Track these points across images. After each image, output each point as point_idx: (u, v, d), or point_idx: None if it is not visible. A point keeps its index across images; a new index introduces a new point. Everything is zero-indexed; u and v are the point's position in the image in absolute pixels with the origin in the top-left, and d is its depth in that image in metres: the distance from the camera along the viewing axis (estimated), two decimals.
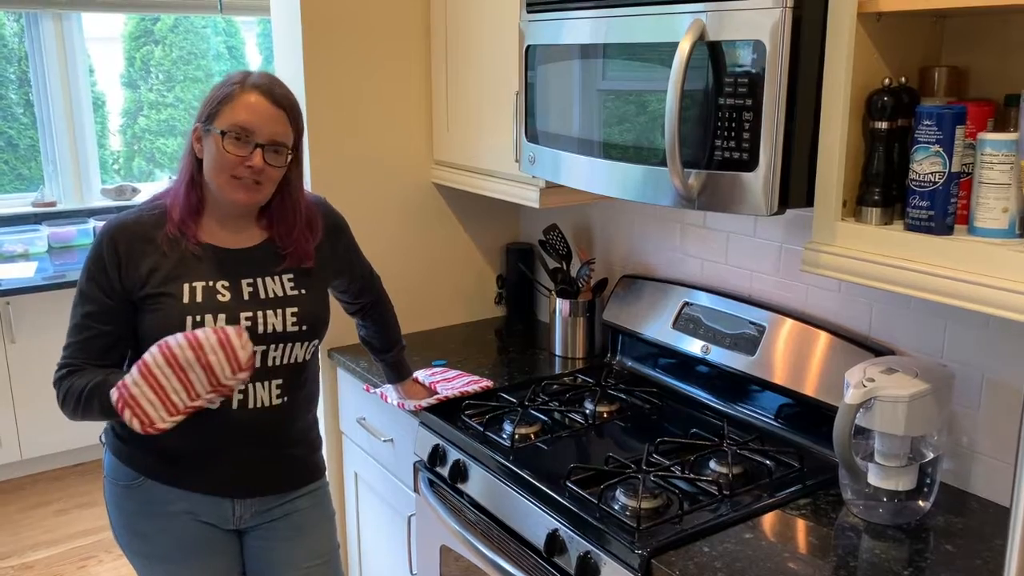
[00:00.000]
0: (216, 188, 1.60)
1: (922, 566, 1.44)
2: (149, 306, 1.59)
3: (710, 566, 1.43)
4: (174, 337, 1.50)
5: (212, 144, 1.57)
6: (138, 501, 1.69)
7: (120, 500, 1.71)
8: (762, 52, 1.40)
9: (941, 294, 1.31)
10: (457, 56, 2.36)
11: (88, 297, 1.61)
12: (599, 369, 2.28)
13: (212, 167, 1.58)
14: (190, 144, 1.62)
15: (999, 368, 1.60)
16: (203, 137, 1.59)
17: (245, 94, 1.56)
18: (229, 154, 1.55)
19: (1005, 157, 1.27)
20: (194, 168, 1.62)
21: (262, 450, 1.70)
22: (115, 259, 1.59)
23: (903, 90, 1.39)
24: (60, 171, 4.31)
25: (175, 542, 1.70)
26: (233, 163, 1.56)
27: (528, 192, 2.16)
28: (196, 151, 1.61)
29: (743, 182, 1.47)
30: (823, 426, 1.78)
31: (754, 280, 2.05)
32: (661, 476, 1.67)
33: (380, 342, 2.04)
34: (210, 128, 1.57)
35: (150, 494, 1.68)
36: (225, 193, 1.59)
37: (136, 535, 1.72)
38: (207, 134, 1.58)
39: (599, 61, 1.72)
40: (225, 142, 1.55)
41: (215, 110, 1.57)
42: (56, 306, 3.75)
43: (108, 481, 1.74)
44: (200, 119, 1.60)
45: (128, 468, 1.68)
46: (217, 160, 1.56)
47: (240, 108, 1.56)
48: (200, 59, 4.82)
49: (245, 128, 1.55)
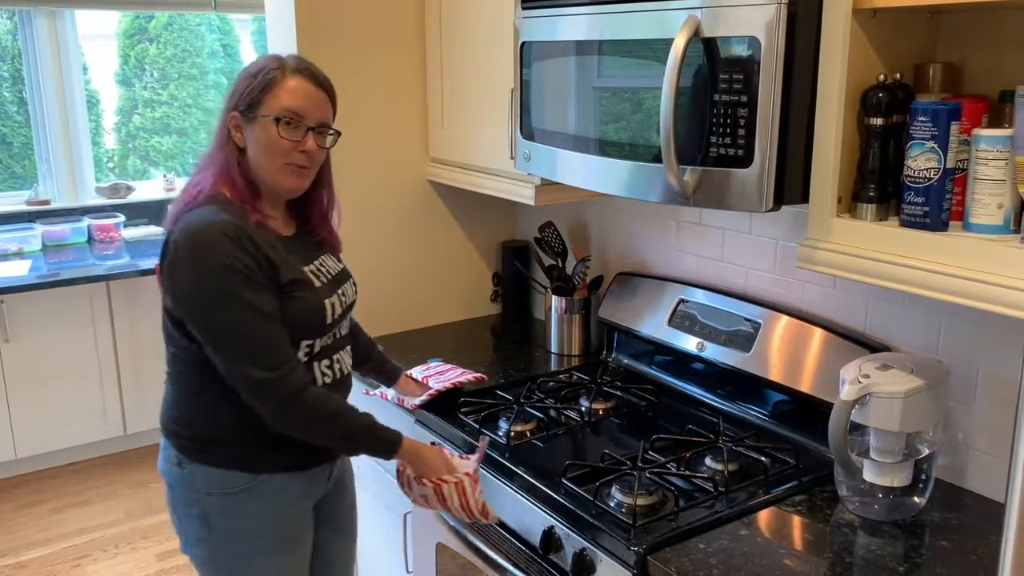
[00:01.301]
0: (267, 175, 1.59)
1: (918, 562, 1.44)
2: (288, 294, 1.57)
3: (706, 563, 1.43)
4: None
5: (261, 131, 1.56)
6: (262, 499, 1.66)
7: (236, 506, 1.65)
8: (757, 48, 1.40)
9: (936, 290, 1.31)
10: (452, 53, 2.35)
11: (252, 295, 1.51)
12: (595, 366, 2.28)
13: (263, 154, 1.57)
14: (226, 134, 1.59)
15: (994, 364, 1.60)
16: (245, 125, 1.57)
17: (289, 79, 1.56)
18: (284, 140, 1.55)
19: (1000, 153, 1.27)
20: (238, 157, 1.59)
21: None
22: (248, 251, 1.51)
23: (898, 86, 1.39)
24: (54, 169, 4.30)
25: (288, 531, 1.71)
26: (287, 149, 1.56)
27: (524, 189, 2.15)
28: (237, 140, 1.58)
29: (738, 178, 1.47)
30: (819, 423, 1.78)
31: (750, 277, 2.05)
32: (657, 473, 1.67)
33: (358, 348, 1.95)
34: (255, 115, 1.55)
35: (267, 488, 1.66)
36: (278, 180, 1.59)
37: (254, 536, 1.67)
38: (251, 121, 1.56)
39: (594, 58, 1.72)
40: (280, 128, 1.55)
41: (256, 97, 1.55)
42: (50, 305, 3.74)
43: (210, 497, 1.65)
44: (237, 107, 1.57)
45: (240, 472, 1.63)
46: (269, 147, 1.56)
47: (287, 93, 1.55)
48: (195, 57, 4.81)
49: (296, 113, 1.56)
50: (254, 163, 1.58)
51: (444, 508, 1.71)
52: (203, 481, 1.65)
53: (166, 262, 1.55)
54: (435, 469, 1.69)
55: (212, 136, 1.65)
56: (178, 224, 1.54)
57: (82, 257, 3.93)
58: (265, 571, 1.69)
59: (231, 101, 1.59)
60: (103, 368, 3.93)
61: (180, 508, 1.69)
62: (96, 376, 3.92)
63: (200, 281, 1.50)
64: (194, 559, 1.73)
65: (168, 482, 1.70)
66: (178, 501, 1.69)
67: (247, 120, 1.57)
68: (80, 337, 3.85)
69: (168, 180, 4.58)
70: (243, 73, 1.60)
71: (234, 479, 1.64)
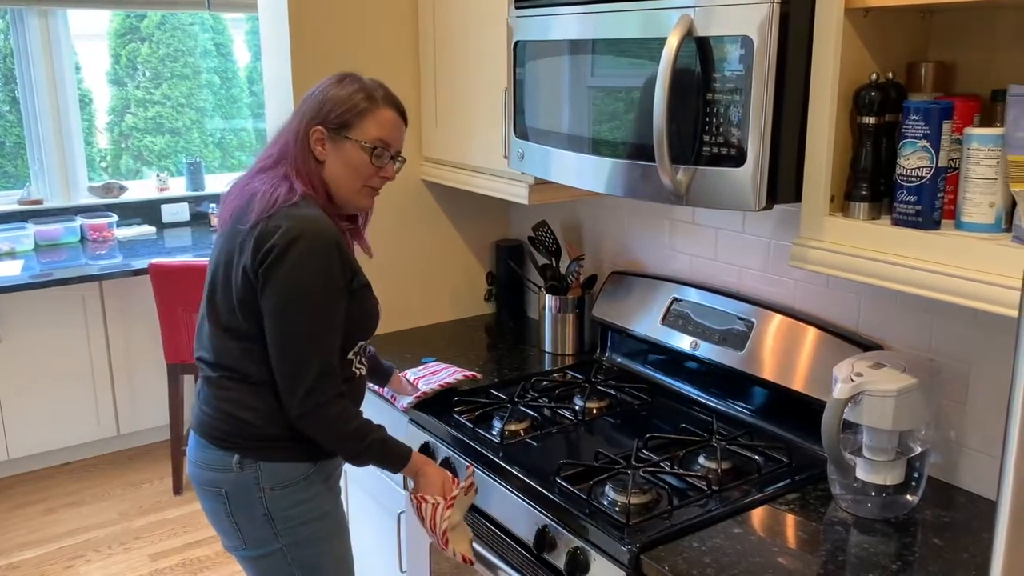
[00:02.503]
0: (346, 192, 1.68)
1: (910, 560, 1.45)
2: (358, 297, 1.68)
3: (699, 561, 1.44)
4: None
5: (350, 152, 1.65)
6: (318, 484, 1.73)
7: (298, 495, 1.70)
8: (750, 47, 1.40)
9: (928, 289, 1.31)
10: (445, 52, 2.35)
11: (335, 307, 1.62)
12: (588, 365, 2.28)
13: (347, 173, 1.67)
14: (307, 144, 1.65)
15: (986, 362, 1.61)
16: (330, 141, 1.65)
17: (382, 111, 1.67)
18: (373, 166, 1.67)
19: (991, 152, 1.27)
20: (316, 171, 1.66)
21: None
22: (343, 262, 1.62)
23: (890, 85, 1.39)
24: (46, 169, 4.28)
25: (341, 510, 1.81)
26: (371, 173, 1.68)
27: (517, 188, 2.15)
28: (317, 153, 1.66)
29: (731, 178, 1.47)
30: (811, 421, 1.78)
31: (743, 276, 2.05)
32: (650, 472, 1.68)
33: None
34: (345, 136, 1.65)
35: (323, 473, 1.73)
36: (354, 198, 1.70)
37: (320, 519, 1.74)
38: (340, 140, 1.65)
39: (588, 57, 1.72)
40: (373, 157, 1.66)
41: (348, 120, 1.64)
42: (43, 305, 3.73)
43: (274, 493, 1.69)
44: (325, 123, 1.64)
45: (298, 463, 1.69)
46: (356, 169, 1.67)
47: (379, 124, 1.67)
48: (187, 56, 4.79)
49: (387, 143, 1.68)
50: (333, 177, 1.67)
51: (424, 527, 1.77)
52: (268, 479, 1.68)
53: (271, 254, 1.56)
54: (429, 488, 1.73)
55: (275, 136, 1.72)
56: (285, 219, 1.57)
57: (75, 257, 3.92)
58: (338, 552, 1.79)
59: (314, 113, 1.65)
60: (96, 368, 3.92)
61: (242, 513, 1.70)
62: (89, 376, 3.91)
63: (301, 279, 1.57)
64: (261, 562, 1.74)
65: (224, 491, 1.70)
66: (239, 506, 1.70)
67: (335, 138, 1.65)
68: (73, 337, 3.83)
69: (161, 180, 4.57)
70: (330, 90, 1.66)
71: (297, 471, 1.70)
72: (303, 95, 1.72)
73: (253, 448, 1.68)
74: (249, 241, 1.58)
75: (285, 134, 1.69)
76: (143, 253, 3.97)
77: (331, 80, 1.69)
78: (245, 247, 1.59)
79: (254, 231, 1.58)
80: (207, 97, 4.90)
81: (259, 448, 1.68)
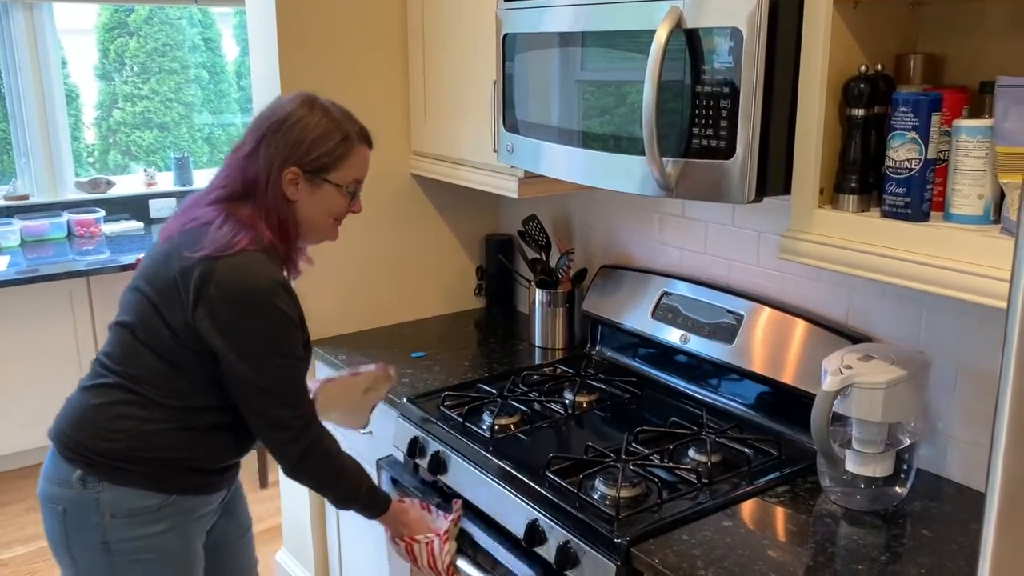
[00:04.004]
0: (315, 230, 1.65)
1: (899, 551, 1.45)
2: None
3: (689, 554, 1.44)
4: None
5: (327, 195, 1.61)
6: (168, 521, 1.59)
7: (142, 528, 1.57)
8: (739, 39, 1.40)
9: (917, 280, 1.31)
10: (434, 45, 2.34)
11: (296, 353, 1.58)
12: (579, 359, 2.28)
13: (320, 213, 1.62)
14: (277, 188, 1.56)
15: (974, 354, 1.61)
16: (305, 183, 1.59)
17: (359, 149, 1.63)
18: (345, 204, 1.64)
19: (980, 144, 1.27)
20: (286, 211, 1.59)
21: None
22: (295, 302, 1.57)
23: (879, 77, 1.39)
24: (32, 164, 4.25)
25: (190, 555, 1.65)
26: (344, 210, 1.66)
27: (507, 182, 2.15)
28: (290, 194, 1.58)
29: (721, 170, 1.47)
30: (801, 414, 1.78)
31: (732, 269, 2.05)
32: (640, 465, 1.67)
33: None
34: (322, 179, 1.59)
35: (174, 509, 1.60)
36: (324, 234, 1.67)
37: (160, 560, 1.60)
38: (316, 183, 1.59)
39: (577, 50, 1.71)
40: (349, 196, 1.64)
41: (327, 162, 1.59)
42: (29, 301, 3.70)
43: (115, 521, 1.55)
44: (301, 164, 1.57)
45: (149, 492, 1.56)
46: (330, 209, 1.63)
47: (357, 166, 1.63)
48: (176, 51, 4.77)
49: (360, 181, 1.66)
50: (305, 217, 1.62)
51: (416, 566, 1.79)
52: (109, 503, 1.54)
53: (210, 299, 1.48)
54: (414, 529, 1.77)
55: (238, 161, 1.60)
56: (225, 268, 1.49)
57: (62, 252, 3.89)
58: None
59: (289, 154, 1.56)
60: (83, 365, 3.89)
61: (73, 536, 1.56)
62: (75, 373, 3.88)
63: (261, 328, 1.52)
64: None
65: (63, 508, 1.56)
66: (75, 528, 1.56)
67: (312, 180, 1.59)
68: (60, 333, 3.81)
69: (149, 175, 4.54)
70: (305, 129, 1.57)
71: (145, 500, 1.56)
72: (264, 115, 1.60)
73: (99, 465, 1.54)
74: (197, 276, 1.49)
75: (254, 167, 1.57)
76: (131, 248, 3.95)
77: (299, 109, 1.58)
78: (189, 278, 1.49)
79: (205, 269, 1.49)
80: (195, 92, 4.87)
81: (106, 466, 1.54)
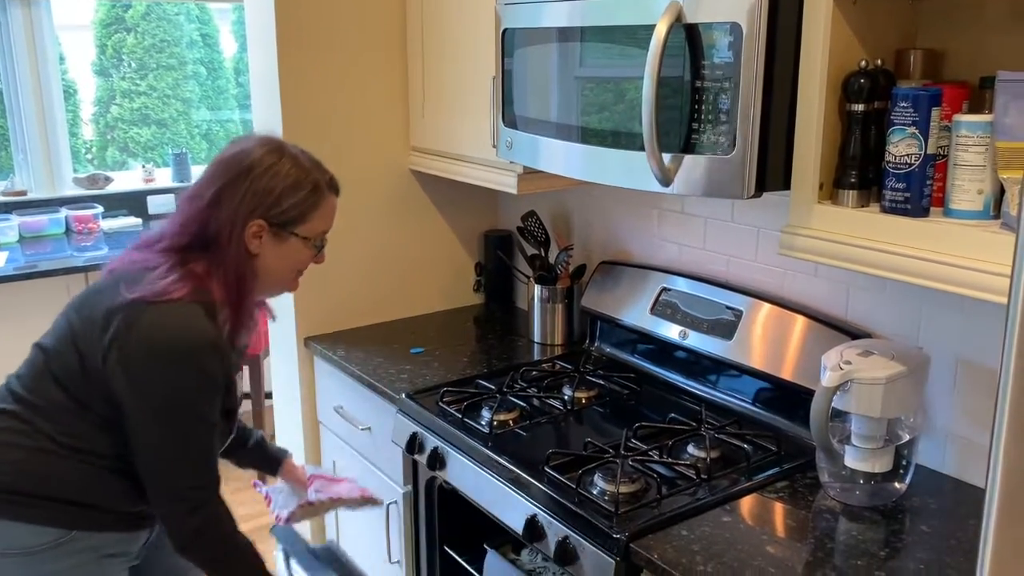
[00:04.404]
0: (276, 284, 1.57)
1: (898, 547, 1.45)
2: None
3: (688, 549, 1.44)
4: None
5: (292, 248, 1.52)
6: (72, 558, 1.48)
7: (37, 567, 1.45)
8: (739, 34, 1.39)
9: (917, 276, 1.31)
10: (433, 40, 2.34)
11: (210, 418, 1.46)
12: (577, 355, 2.28)
13: (283, 266, 1.53)
14: (239, 243, 1.47)
15: (973, 350, 1.61)
16: (269, 235, 1.49)
17: (328, 200, 1.54)
18: (310, 257, 1.56)
19: (980, 139, 1.27)
20: (246, 265, 1.49)
21: None
22: (223, 367, 1.46)
23: (879, 72, 1.39)
24: (30, 160, 4.24)
25: None
26: (307, 263, 1.57)
27: (505, 178, 2.14)
28: (252, 247, 1.48)
29: (720, 165, 1.46)
30: (800, 410, 1.78)
31: (731, 265, 2.05)
32: (639, 461, 1.67)
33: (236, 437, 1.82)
34: (289, 232, 1.50)
35: (75, 546, 1.48)
36: (284, 287, 1.59)
37: None
38: (282, 237, 1.50)
39: (576, 45, 1.71)
40: (315, 249, 1.55)
41: (296, 215, 1.49)
42: (28, 297, 3.69)
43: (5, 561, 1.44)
44: (267, 217, 1.47)
45: (42, 527, 1.44)
46: (295, 262, 1.55)
47: (324, 215, 1.54)
48: (173, 47, 4.75)
49: (326, 232, 1.57)
50: (266, 270, 1.52)
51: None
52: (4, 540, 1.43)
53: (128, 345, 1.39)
54: None
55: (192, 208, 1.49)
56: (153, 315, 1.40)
57: (60, 248, 3.88)
58: None
59: (254, 206, 1.46)
60: None
61: None
62: None
63: (175, 386, 1.41)
64: None
65: None
66: None
67: (278, 233, 1.49)
68: None
69: (147, 171, 4.53)
70: (273, 179, 1.47)
71: (39, 536, 1.44)
72: (227, 160, 1.49)
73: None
74: (121, 318, 1.41)
75: (216, 219, 1.46)
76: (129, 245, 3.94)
77: (267, 156, 1.48)
78: (112, 318, 1.41)
79: (131, 312, 1.40)
80: (193, 88, 4.86)
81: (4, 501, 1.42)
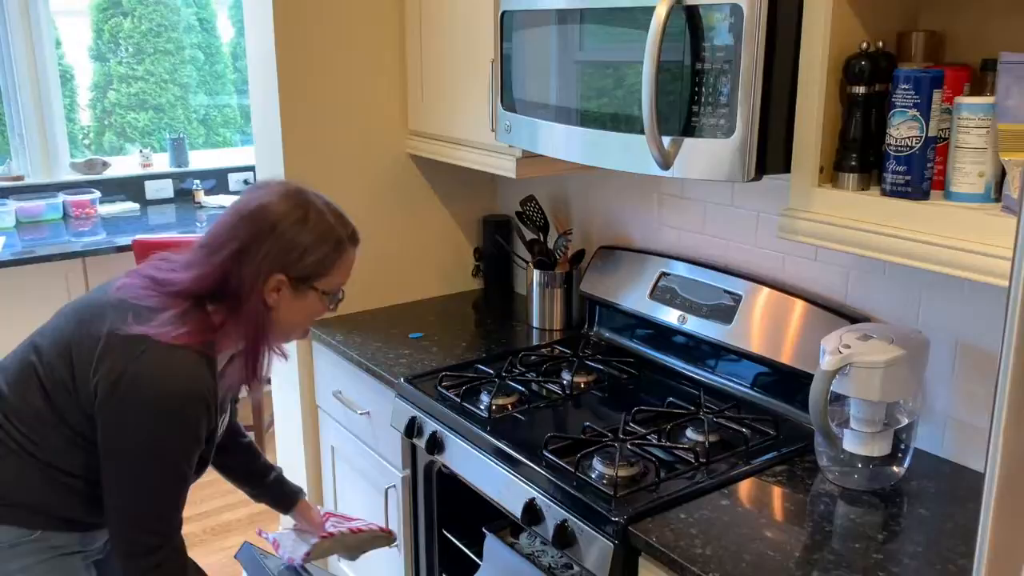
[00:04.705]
0: (288, 334, 1.54)
1: (896, 530, 1.45)
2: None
3: (686, 533, 1.44)
4: None
5: (310, 301, 1.49)
6: (31, 557, 1.46)
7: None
8: (739, 16, 1.38)
9: (917, 259, 1.31)
10: (431, 23, 2.32)
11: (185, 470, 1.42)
12: (576, 340, 2.28)
13: (298, 319, 1.50)
14: (260, 299, 1.43)
15: (973, 334, 1.61)
16: (289, 290, 1.45)
17: (348, 253, 1.51)
18: (324, 309, 1.53)
19: (981, 121, 1.27)
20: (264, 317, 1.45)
21: None
22: (209, 420, 1.43)
23: (880, 54, 1.38)
24: (27, 145, 4.22)
25: None
26: (322, 314, 1.54)
27: (504, 162, 2.14)
28: (270, 301, 1.44)
29: (720, 148, 1.46)
30: (799, 394, 1.78)
31: (730, 249, 2.04)
32: (638, 445, 1.67)
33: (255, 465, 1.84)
34: (310, 286, 1.47)
35: (37, 545, 1.46)
36: (294, 337, 1.56)
37: None
38: (302, 291, 1.46)
39: (576, 27, 1.70)
40: (332, 301, 1.53)
41: (319, 270, 1.46)
42: (25, 282, 3.69)
43: None
44: (287, 272, 1.43)
45: (14, 527, 1.44)
46: (308, 314, 1.51)
47: (344, 269, 1.51)
48: (171, 31, 4.73)
49: (343, 285, 1.54)
50: (282, 322, 1.48)
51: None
52: None
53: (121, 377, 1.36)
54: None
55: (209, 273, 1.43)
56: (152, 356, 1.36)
57: (57, 234, 3.87)
58: None
59: (277, 261, 1.42)
60: None
61: None
62: None
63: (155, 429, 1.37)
64: None
65: None
66: None
67: (298, 287, 1.46)
68: None
69: (144, 156, 4.52)
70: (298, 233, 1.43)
71: (3, 534, 1.43)
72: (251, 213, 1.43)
73: None
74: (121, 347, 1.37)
75: (237, 274, 1.42)
76: (127, 230, 3.93)
77: (293, 211, 1.44)
78: (112, 345, 1.38)
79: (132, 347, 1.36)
80: (191, 73, 4.84)
81: None
